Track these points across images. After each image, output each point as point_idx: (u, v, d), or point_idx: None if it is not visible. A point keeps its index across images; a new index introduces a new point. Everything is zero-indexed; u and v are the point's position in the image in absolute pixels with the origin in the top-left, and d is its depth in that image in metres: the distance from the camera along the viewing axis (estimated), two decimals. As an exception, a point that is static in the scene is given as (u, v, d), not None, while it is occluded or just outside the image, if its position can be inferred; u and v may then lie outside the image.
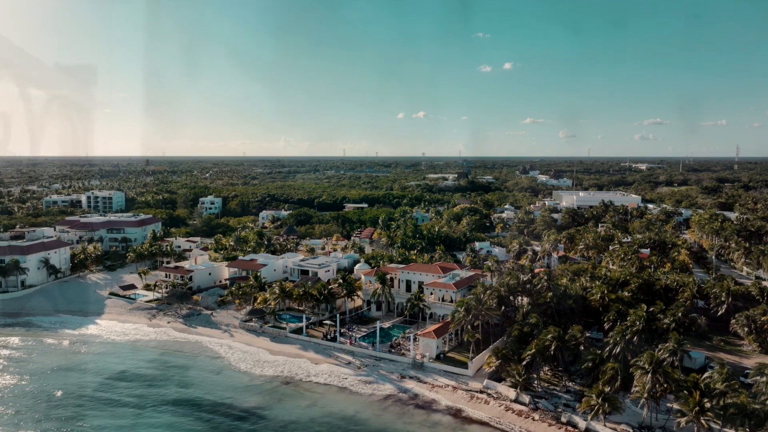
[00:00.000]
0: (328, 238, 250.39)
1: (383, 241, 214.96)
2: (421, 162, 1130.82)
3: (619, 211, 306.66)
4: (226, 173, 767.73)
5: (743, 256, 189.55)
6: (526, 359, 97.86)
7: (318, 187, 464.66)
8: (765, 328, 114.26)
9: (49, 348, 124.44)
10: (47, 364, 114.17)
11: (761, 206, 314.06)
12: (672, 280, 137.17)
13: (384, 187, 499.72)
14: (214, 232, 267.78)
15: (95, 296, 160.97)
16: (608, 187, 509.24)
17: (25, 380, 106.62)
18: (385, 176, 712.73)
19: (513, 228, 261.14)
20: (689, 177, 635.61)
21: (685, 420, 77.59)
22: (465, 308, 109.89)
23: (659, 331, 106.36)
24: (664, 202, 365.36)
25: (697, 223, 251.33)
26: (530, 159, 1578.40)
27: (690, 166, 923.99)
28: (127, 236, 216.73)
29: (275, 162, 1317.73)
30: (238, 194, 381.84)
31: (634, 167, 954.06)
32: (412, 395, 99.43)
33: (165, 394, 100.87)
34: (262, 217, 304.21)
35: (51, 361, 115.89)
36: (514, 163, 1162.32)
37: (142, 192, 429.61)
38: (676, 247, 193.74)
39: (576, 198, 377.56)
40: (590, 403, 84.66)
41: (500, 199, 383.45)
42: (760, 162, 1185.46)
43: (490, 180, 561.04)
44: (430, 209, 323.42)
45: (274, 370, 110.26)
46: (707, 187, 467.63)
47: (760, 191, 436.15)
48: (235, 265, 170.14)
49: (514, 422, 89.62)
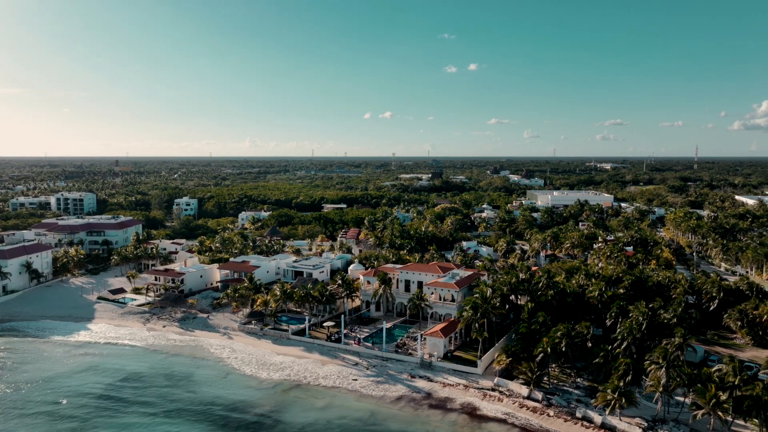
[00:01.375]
0: (312, 238, 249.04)
1: (371, 242, 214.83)
2: (391, 162, 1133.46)
3: (595, 210, 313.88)
4: (195, 174, 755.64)
5: (721, 253, 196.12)
6: (539, 356, 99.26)
7: (293, 188, 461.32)
8: (757, 321, 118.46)
9: (42, 355, 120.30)
10: (44, 372, 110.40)
11: (729, 204, 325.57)
12: (663, 276, 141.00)
13: (359, 188, 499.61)
14: (193, 234, 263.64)
15: (83, 301, 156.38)
16: (579, 186, 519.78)
17: (26, 388, 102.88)
18: (357, 176, 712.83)
19: (495, 227, 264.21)
20: (654, 176, 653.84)
21: (701, 413, 79.93)
22: (473, 307, 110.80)
23: (660, 326, 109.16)
24: (635, 200, 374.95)
25: (672, 221, 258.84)
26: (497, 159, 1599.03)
27: (653, 166, 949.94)
28: (108, 239, 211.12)
29: (243, 162, 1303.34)
30: (213, 195, 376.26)
31: (599, 167, 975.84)
32: (424, 395, 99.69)
33: (174, 400, 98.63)
34: (242, 218, 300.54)
35: (48, 369, 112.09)
36: (482, 163, 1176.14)
37: (113, 193, 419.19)
38: (657, 245, 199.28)
39: (551, 197, 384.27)
40: (606, 398, 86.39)
41: (477, 198, 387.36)
42: (717, 161, 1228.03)
43: (464, 180, 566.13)
44: (410, 209, 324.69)
45: (282, 373, 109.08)
46: (674, 186, 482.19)
47: (724, 190, 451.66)
48: (226, 267, 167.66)
49: (530, 419, 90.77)
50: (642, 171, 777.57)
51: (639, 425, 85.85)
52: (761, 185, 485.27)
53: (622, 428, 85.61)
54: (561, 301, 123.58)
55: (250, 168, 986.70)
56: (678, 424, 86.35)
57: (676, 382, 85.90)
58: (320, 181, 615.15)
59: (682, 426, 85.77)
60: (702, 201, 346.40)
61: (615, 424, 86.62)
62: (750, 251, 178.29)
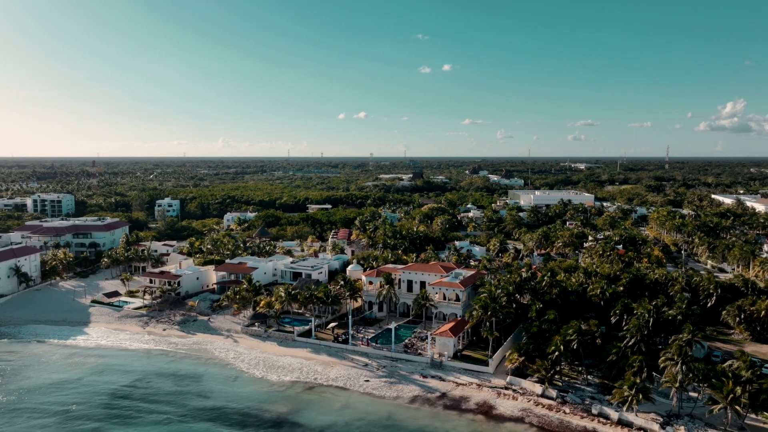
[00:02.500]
0: (302, 239, 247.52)
1: (364, 242, 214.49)
2: (369, 162, 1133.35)
3: (579, 210, 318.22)
4: (171, 174, 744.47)
5: (707, 251, 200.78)
6: (553, 354, 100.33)
7: (275, 188, 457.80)
8: (755, 317, 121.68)
9: (41, 360, 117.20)
10: (48, 378, 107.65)
11: (707, 203, 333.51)
12: (660, 274, 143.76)
13: (341, 188, 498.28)
14: (179, 236, 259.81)
15: (76, 305, 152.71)
16: (558, 186, 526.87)
17: (31, 394, 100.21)
18: (336, 177, 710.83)
19: (483, 227, 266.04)
20: (630, 176, 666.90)
21: (718, 408, 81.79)
22: (483, 306, 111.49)
23: (666, 323, 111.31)
24: (615, 200, 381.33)
25: (655, 220, 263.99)
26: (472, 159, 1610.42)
27: (626, 166, 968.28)
28: (96, 241, 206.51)
29: (218, 163, 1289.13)
30: (196, 196, 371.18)
31: (573, 167, 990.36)
32: (439, 395, 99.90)
33: (187, 405, 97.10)
34: (227, 220, 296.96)
35: (50, 374, 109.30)
36: (459, 163, 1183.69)
37: (91, 195, 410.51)
38: (646, 243, 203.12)
39: (533, 197, 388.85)
40: (623, 395, 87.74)
41: (460, 198, 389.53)
42: (687, 161, 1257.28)
43: (444, 180, 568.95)
44: (396, 209, 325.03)
45: (292, 375, 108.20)
46: (650, 185, 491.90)
47: (699, 189, 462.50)
48: (222, 268, 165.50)
49: (547, 416, 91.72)
50: (616, 171, 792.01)
51: (655, 421, 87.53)
52: (734, 185, 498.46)
53: (639, 424, 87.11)
54: (564, 300, 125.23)
55: (226, 168, 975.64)
56: (692, 419, 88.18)
57: (690, 378, 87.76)
58: (300, 181, 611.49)
59: (697, 421, 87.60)
60: (681, 200, 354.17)
61: (632, 420, 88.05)
62: (737, 249, 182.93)
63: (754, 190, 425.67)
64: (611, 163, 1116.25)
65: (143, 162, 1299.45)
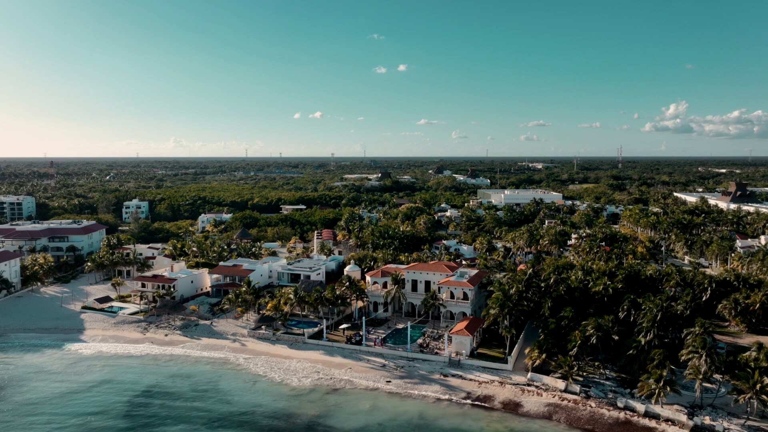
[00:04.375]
0: (283, 240, 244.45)
1: (351, 243, 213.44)
2: (330, 162, 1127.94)
3: (551, 208, 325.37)
4: (129, 175, 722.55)
5: (684, 247, 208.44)
6: (574, 350, 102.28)
7: (244, 189, 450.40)
8: (750, 310, 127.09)
9: (43, 370, 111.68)
10: (55, 388, 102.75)
11: (671, 201, 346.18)
12: (654, 270, 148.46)
13: (309, 188, 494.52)
14: (153, 238, 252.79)
15: (66, 311, 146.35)
16: (523, 185, 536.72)
17: (42, 407, 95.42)
18: (300, 177, 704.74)
19: (463, 226, 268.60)
20: (589, 175, 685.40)
21: (746, 397, 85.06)
22: (500, 305, 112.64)
23: (674, 317, 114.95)
24: (583, 198, 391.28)
25: (628, 217, 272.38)
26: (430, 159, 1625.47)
27: (582, 165, 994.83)
28: (74, 245, 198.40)
29: (174, 163, 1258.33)
30: (165, 197, 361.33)
31: (531, 166, 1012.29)
32: (464, 393, 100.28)
33: (211, 411, 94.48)
34: (202, 221, 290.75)
35: (57, 385, 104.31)
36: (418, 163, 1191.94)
37: (50, 196, 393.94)
38: (627, 240, 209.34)
39: (503, 196, 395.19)
40: (650, 387, 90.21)
41: (433, 198, 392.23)
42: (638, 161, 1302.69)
43: (412, 180, 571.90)
44: (372, 209, 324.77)
45: (312, 379, 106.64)
46: (612, 184, 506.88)
47: (657, 187, 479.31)
48: (217, 271, 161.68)
49: (576, 411, 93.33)
50: (574, 170, 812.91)
51: (679, 411, 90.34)
52: (690, 183, 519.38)
53: (666, 415, 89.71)
54: (570, 296, 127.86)
55: (184, 169, 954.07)
56: (714, 409, 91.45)
57: (712, 370, 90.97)
58: (265, 182, 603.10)
59: (719, 410, 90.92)
60: (646, 198, 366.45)
61: (659, 412, 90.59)
62: (715, 245, 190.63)
63: (711, 188, 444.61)
64: (566, 162, 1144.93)
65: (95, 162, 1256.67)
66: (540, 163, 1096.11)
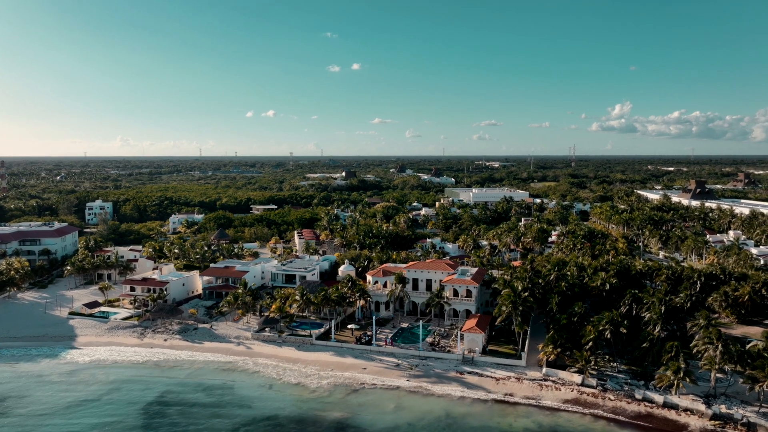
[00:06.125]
0: (262, 241, 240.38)
1: (336, 242, 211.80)
2: (289, 161, 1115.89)
3: (522, 206, 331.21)
4: (81, 175, 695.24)
5: (659, 242, 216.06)
6: (589, 344, 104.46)
7: (209, 189, 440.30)
8: (739, 301, 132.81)
9: (41, 381, 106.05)
10: (60, 400, 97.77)
11: (634, 198, 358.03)
12: (644, 265, 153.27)
13: (273, 188, 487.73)
14: (124, 240, 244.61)
15: (51, 318, 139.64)
16: (487, 184, 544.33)
17: (50, 419, 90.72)
18: (261, 176, 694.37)
19: (440, 225, 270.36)
20: (547, 174, 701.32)
21: (761, 385, 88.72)
22: (512, 302, 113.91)
23: (674, 310, 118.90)
24: (549, 196, 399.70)
25: (599, 214, 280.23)
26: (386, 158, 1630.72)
27: (537, 164, 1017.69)
28: (48, 248, 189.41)
29: (124, 163, 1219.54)
30: (129, 198, 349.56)
31: (488, 165, 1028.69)
32: (485, 390, 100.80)
33: (233, 416, 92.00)
34: (173, 222, 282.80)
35: (61, 396, 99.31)
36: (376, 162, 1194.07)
37: (2, 198, 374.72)
38: (606, 237, 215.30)
39: (472, 194, 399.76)
40: (669, 379, 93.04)
41: (403, 197, 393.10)
42: (589, 159, 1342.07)
43: (377, 179, 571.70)
44: (346, 209, 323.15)
45: (329, 380, 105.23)
46: (572, 182, 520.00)
47: (616, 185, 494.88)
48: (209, 273, 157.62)
49: (595, 405, 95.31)
50: (532, 169, 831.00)
51: (696, 401, 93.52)
52: (646, 181, 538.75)
53: (685, 405, 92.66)
54: (571, 292, 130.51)
55: (138, 168, 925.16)
56: (728, 398, 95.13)
57: (725, 360, 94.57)
58: (226, 181, 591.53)
59: (733, 399, 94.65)
60: (611, 196, 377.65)
61: (677, 402, 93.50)
62: (690, 240, 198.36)
63: (668, 185, 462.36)
64: (521, 161, 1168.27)
65: (40, 162, 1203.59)
66: (496, 162, 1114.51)
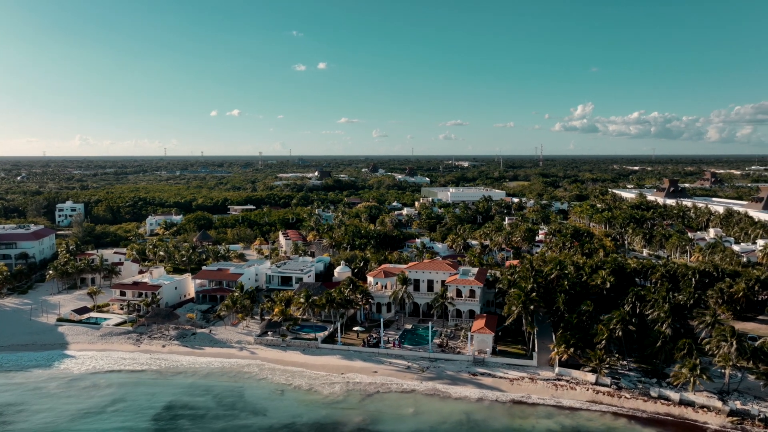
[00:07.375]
0: (245, 242, 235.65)
1: (325, 243, 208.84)
2: (258, 161, 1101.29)
3: (502, 205, 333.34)
4: (41, 175, 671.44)
5: (642, 241, 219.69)
6: (602, 343, 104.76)
7: (182, 189, 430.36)
8: (735, 298, 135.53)
9: (39, 392, 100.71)
10: (63, 411, 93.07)
11: (610, 197, 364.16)
12: (638, 263, 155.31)
13: (247, 188, 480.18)
14: (101, 243, 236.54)
15: (38, 325, 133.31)
16: (461, 183, 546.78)
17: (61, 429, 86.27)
18: (231, 176, 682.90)
19: (424, 224, 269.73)
20: (518, 173, 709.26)
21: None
22: (522, 302, 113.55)
23: (678, 307, 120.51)
24: (526, 196, 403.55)
25: (580, 213, 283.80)
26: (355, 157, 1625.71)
27: (506, 164, 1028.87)
28: (26, 251, 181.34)
29: (87, 162, 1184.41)
30: (102, 199, 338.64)
31: (458, 164, 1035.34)
32: (500, 392, 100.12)
33: (248, 423, 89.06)
34: (151, 223, 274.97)
35: (64, 407, 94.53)
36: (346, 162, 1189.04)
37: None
38: (592, 236, 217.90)
39: (450, 194, 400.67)
40: (686, 376, 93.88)
41: (381, 196, 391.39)
42: (556, 159, 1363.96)
43: (353, 179, 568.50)
44: (326, 209, 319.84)
45: (341, 385, 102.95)
46: (546, 181, 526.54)
47: (588, 184, 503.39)
48: (202, 276, 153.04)
49: (612, 403, 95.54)
50: (502, 168, 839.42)
51: (711, 398, 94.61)
52: (616, 180, 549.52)
53: (702, 402, 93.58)
54: (573, 290, 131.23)
55: (101, 168, 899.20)
56: (741, 394, 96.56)
57: (739, 357, 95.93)
58: (196, 181, 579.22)
59: (746, 395, 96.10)
60: (587, 195, 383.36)
61: (693, 399, 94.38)
62: (675, 238, 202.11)
63: (640, 184, 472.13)
64: (489, 161, 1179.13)
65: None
66: (466, 162, 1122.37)
